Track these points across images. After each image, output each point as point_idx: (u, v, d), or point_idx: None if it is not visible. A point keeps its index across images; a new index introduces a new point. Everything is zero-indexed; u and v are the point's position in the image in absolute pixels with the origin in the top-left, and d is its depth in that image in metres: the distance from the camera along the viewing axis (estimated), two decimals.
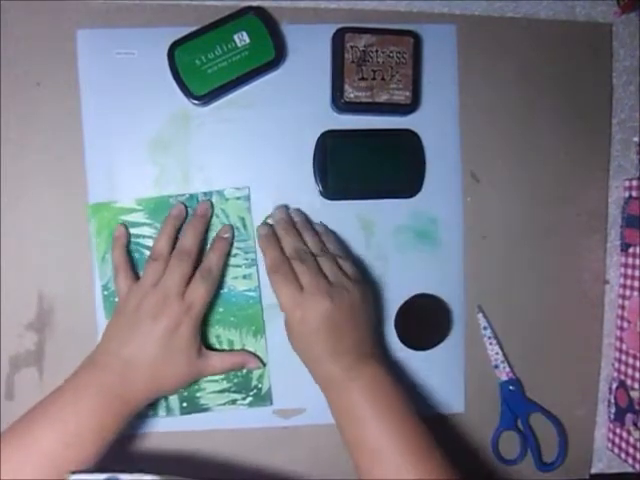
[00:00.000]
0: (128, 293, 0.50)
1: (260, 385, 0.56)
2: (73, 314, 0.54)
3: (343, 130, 0.55)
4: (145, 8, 0.53)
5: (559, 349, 0.60)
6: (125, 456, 0.54)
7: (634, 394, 0.56)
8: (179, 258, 0.50)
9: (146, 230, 0.54)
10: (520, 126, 0.58)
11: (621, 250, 0.60)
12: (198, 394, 0.55)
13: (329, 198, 0.56)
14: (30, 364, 0.54)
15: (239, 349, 0.55)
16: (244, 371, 0.55)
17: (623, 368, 0.58)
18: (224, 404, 0.55)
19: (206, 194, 0.55)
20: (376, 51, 0.53)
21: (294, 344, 0.50)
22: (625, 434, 0.58)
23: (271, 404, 0.56)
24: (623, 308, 0.59)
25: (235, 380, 0.55)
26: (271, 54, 0.52)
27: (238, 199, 0.55)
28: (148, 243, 0.54)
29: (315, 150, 0.55)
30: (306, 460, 0.57)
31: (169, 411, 0.55)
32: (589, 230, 0.60)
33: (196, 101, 0.52)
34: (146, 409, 0.52)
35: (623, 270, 0.59)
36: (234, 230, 0.55)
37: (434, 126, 0.57)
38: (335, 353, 0.48)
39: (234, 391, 0.55)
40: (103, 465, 0.46)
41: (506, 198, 0.58)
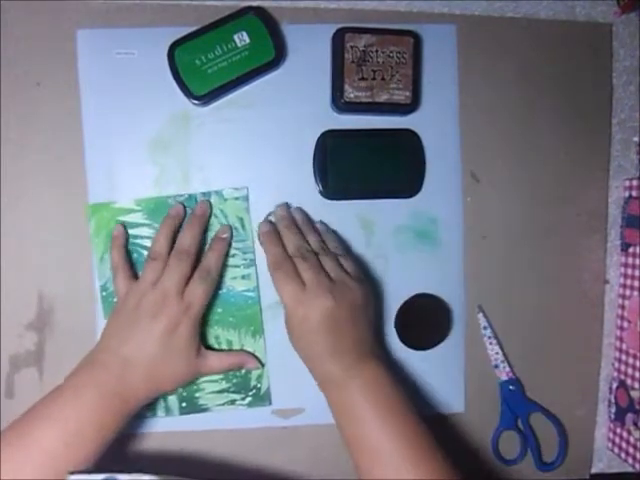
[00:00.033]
0: (127, 292, 0.50)
1: (259, 385, 0.56)
2: (73, 314, 0.54)
3: (343, 130, 0.55)
4: (145, 8, 0.53)
5: (559, 349, 0.60)
6: (123, 456, 0.54)
7: (634, 394, 0.56)
8: (178, 258, 0.50)
9: (145, 231, 0.54)
10: (520, 126, 0.58)
11: (621, 250, 0.60)
12: (197, 394, 0.55)
13: (329, 198, 0.56)
14: (30, 364, 0.54)
15: (238, 349, 0.55)
16: (243, 371, 0.55)
17: (623, 368, 0.58)
18: (223, 404, 0.55)
19: (205, 194, 0.55)
20: (376, 51, 0.53)
21: (294, 342, 0.50)
22: (625, 434, 0.58)
23: (270, 404, 0.56)
24: (623, 308, 0.59)
25: (234, 380, 0.55)
26: (271, 54, 0.52)
27: (237, 199, 0.55)
28: (147, 243, 0.54)
29: (315, 150, 0.55)
30: (306, 460, 0.57)
31: (168, 411, 0.55)
32: (589, 230, 0.60)
33: (196, 101, 0.52)
34: (145, 409, 0.52)
35: (623, 270, 0.59)
36: (233, 230, 0.55)
37: (434, 126, 0.57)
38: (335, 352, 0.48)
39: (233, 391, 0.55)
40: (102, 465, 0.46)
41: (506, 198, 0.58)
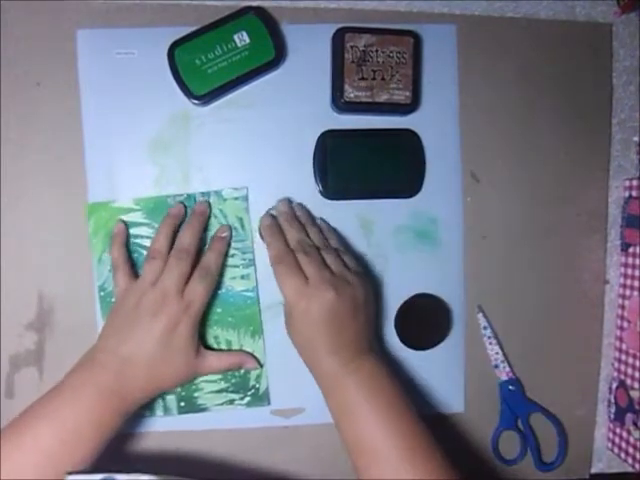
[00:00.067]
0: (127, 291, 0.50)
1: (258, 385, 0.56)
2: (73, 314, 0.54)
3: (343, 130, 0.55)
4: (145, 8, 0.53)
5: (559, 349, 0.60)
6: (122, 456, 0.55)
7: (634, 394, 0.56)
8: (178, 257, 0.50)
9: (144, 230, 0.54)
10: (520, 126, 0.58)
11: (621, 250, 0.60)
12: (196, 394, 0.55)
13: (329, 198, 0.56)
14: (30, 364, 0.54)
15: (237, 349, 0.55)
16: (242, 371, 0.55)
17: (623, 368, 0.58)
18: (222, 404, 0.55)
19: (204, 194, 0.55)
20: (376, 51, 0.53)
21: (294, 336, 0.50)
22: (625, 434, 0.58)
23: (269, 404, 0.56)
24: (623, 308, 0.59)
25: (233, 380, 0.55)
26: (271, 54, 0.52)
27: (236, 199, 0.55)
28: (146, 243, 0.54)
29: (315, 150, 0.55)
30: (306, 460, 0.57)
31: (167, 410, 0.55)
32: (589, 230, 0.60)
33: (196, 101, 0.52)
34: (143, 408, 0.52)
35: (623, 270, 0.59)
36: (232, 230, 0.55)
37: (434, 126, 0.57)
38: (334, 347, 0.48)
39: (232, 391, 0.55)
40: (100, 465, 0.46)
41: (506, 198, 0.58)
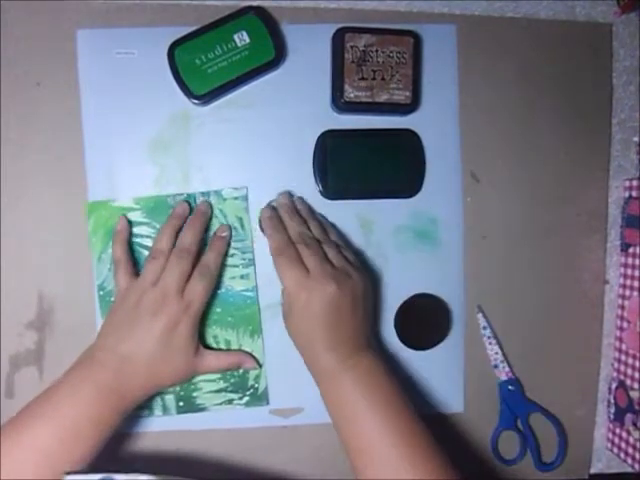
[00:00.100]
0: (127, 289, 0.50)
1: (257, 385, 0.56)
2: (73, 314, 0.54)
3: (343, 130, 0.55)
4: (145, 8, 0.53)
5: (559, 349, 0.60)
6: (120, 456, 0.55)
7: (634, 394, 0.56)
8: (179, 256, 0.50)
9: (144, 229, 0.54)
10: (520, 126, 0.58)
11: (621, 250, 0.60)
12: (195, 394, 0.55)
13: (329, 198, 0.56)
14: (30, 363, 0.54)
15: (236, 349, 0.55)
16: (241, 371, 0.55)
17: (623, 368, 0.58)
18: (221, 404, 0.55)
19: (204, 194, 0.55)
20: (376, 51, 0.53)
21: (292, 328, 0.49)
22: (625, 434, 0.58)
23: (267, 404, 0.56)
24: (623, 308, 0.59)
25: (232, 380, 0.55)
26: (271, 54, 0.52)
27: (236, 199, 0.55)
28: (146, 242, 0.54)
29: (315, 150, 0.55)
30: (305, 460, 0.57)
31: (165, 410, 0.55)
32: (589, 230, 0.60)
33: (196, 101, 0.52)
34: (142, 408, 0.52)
35: (623, 270, 0.59)
36: (232, 230, 0.55)
37: (434, 126, 0.57)
38: (332, 343, 0.48)
39: (231, 391, 0.55)
40: (98, 465, 0.46)
41: (506, 198, 0.58)
